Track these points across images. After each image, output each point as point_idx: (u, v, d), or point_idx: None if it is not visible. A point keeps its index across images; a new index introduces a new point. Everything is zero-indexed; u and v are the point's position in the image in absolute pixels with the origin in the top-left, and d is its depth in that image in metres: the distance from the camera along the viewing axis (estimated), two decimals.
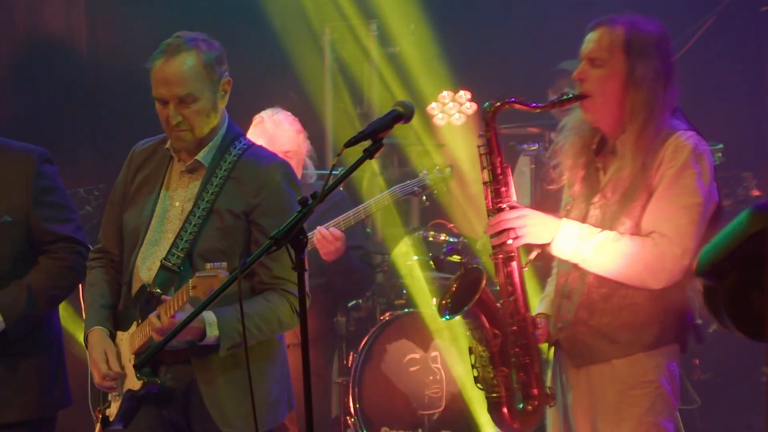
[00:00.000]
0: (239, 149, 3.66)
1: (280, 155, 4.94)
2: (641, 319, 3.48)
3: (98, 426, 3.67)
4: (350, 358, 5.84)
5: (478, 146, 3.59)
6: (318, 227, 4.93)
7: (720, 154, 5.74)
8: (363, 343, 5.73)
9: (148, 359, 3.26)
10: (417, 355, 5.74)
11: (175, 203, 3.64)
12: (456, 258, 3.68)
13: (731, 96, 6.39)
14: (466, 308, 3.52)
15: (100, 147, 7.19)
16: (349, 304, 6.06)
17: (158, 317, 3.36)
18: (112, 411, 3.62)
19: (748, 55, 6.33)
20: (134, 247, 3.64)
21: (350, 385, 5.69)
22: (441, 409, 5.69)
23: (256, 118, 5.15)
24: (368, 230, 6.28)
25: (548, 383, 3.65)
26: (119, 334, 3.65)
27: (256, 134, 5.05)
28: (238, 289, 3.07)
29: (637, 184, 3.46)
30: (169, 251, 3.54)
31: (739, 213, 2.40)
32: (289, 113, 5.20)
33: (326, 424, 5.60)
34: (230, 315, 3.44)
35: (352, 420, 5.70)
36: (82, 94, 7.18)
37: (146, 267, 3.59)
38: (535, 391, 3.56)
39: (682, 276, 3.43)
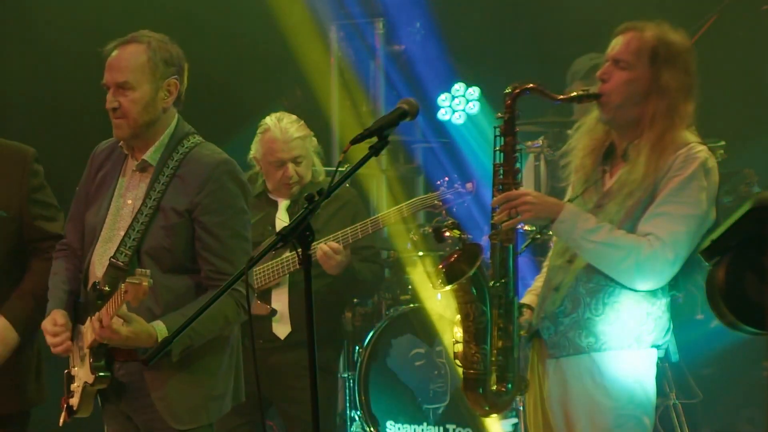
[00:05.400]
0: (187, 147, 3.71)
1: (290, 161, 4.98)
2: (623, 319, 3.53)
3: (64, 414, 3.78)
4: (356, 352, 5.90)
5: (494, 127, 3.65)
6: (320, 244, 4.82)
7: (722, 151, 5.77)
8: (368, 337, 5.77)
9: (155, 355, 3.29)
10: (422, 350, 5.78)
11: (128, 201, 3.71)
12: (456, 233, 3.73)
13: (732, 94, 6.43)
14: (462, 280, 3.58)
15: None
16: (355, 300, 6.09)
17: (99, 321, 3.47)
18: (75, 401, 3.71)
19: (748, 54, 6.37)
20: (91, 244, 3.73)
21: (356, 379, 5.74)
22: (446, 403, 5.72)
23: (261, 126, 5.05)
24: None
25: (525, 372, 3.70)
26: (78, 327, 3.73)
27: (262, 142, 5.00)
28: (245, 286, 3.11)
29: (643, 187, 3.51)
30: (118, 249, 3.62)
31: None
32: (294, 117, 5.09)
33: (334, 421, 5.63)
34: (178, 323, 3.40)
35: (358, 414, 5.76)
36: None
37: (101, 264, 3.67)
38: (510, 376, 3.61)
39: (666, 282, 3.51)
